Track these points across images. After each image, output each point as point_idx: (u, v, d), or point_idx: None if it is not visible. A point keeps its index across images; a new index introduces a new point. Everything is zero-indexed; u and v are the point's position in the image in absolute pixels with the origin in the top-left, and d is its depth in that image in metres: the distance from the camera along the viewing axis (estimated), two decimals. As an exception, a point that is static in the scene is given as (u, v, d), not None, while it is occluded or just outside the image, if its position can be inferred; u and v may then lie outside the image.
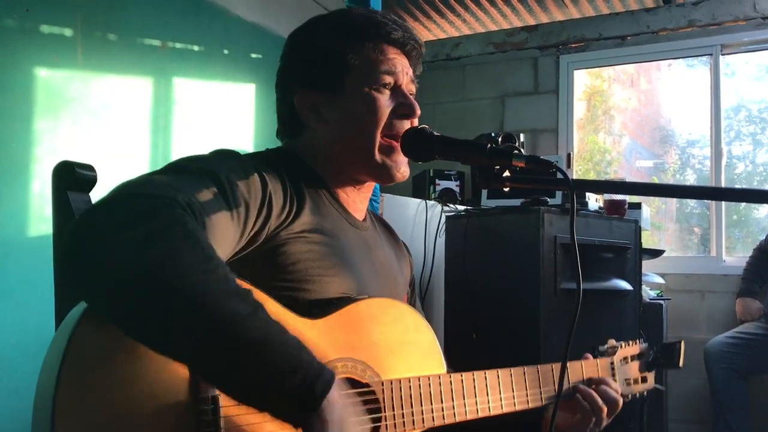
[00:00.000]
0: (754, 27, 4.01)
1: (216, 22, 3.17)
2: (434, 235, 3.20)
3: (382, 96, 1.16)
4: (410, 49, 1.20)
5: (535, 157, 1.03)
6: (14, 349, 2.16)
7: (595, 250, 2.77)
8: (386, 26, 1.17)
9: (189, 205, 0.83)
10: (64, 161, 1.02)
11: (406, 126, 1.17)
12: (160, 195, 0.82)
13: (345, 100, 1.16)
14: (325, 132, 1.18)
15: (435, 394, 1.09)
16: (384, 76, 1.16)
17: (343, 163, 1.18)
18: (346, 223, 1.17)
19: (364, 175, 1.20)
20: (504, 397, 1.20)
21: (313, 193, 1.12)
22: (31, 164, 2.36)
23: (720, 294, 3.93)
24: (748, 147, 4.42)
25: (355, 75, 1.15)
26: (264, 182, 1.00)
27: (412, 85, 1.22)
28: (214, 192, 0.90)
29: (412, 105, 1.17)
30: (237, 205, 0.93)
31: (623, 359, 1.44)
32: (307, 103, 1.18)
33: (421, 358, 1.13)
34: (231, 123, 3.31)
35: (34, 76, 2.42)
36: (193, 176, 0.91)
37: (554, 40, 4.49)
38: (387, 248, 1.30)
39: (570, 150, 4.40)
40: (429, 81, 4.71)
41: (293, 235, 1.03)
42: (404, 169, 1.19)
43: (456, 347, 2.85)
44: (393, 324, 1.10)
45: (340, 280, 1.08)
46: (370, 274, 1.17)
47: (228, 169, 0.96)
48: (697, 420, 3.84)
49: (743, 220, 4.44)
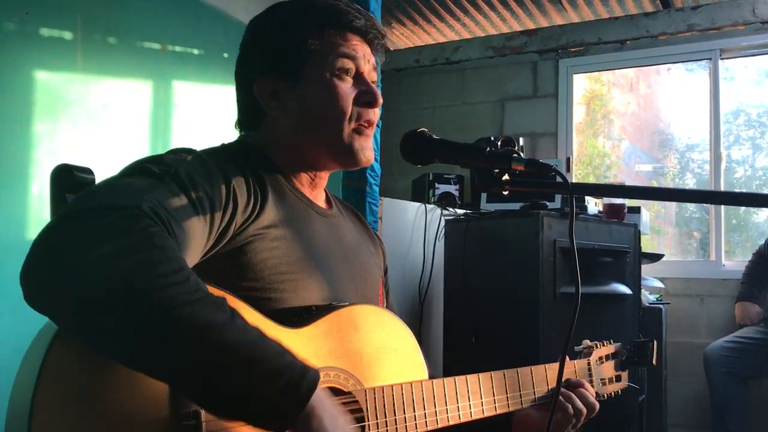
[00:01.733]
0: (753, 31, 4.02)
1: (215, 25, 3.17)
2: (434, 238, 3.20)
3: (343, 83, 1.14)
4: (372, 38, 1.18)
5: (534, 160, 1.02)
6: (13, 352, 2.15)
7: (595, 254, 2.77)
8: (349, 14, 1.15)
9: (155, 213, 0.82)
10: (63, 164, 1.02)
11: (371, 114, 1.16)
12: (125, 206, 0.80)
13: (305, 86, 1.14)
14: (285, 119, 1.15)
15: (417, 400, 1.09)
16: (344, 60, 1.13)
17: (305, 149, 1.16)
18: (311, 212, 1.15)
19: (326, 160, 1.17)
20: (485, 402, 1.19)
21: (275, 184, 1.10)
22: (30, 167, 2.36)
23: (719, 298, 3.93)
24: (748, 151, 4.42)
25: (315, 60, 1.13)
26: (227, 178, 0.98)
27: (374, 73, 1.20)
28: (178, 194, 0.89)
29: (374, 93, 1.15)
30: (202, 205, 0.91)
31: (599, 359, 1.45)
32: (267, 91, 1.15)
33: (403, 364, 1.12)
34: (230, 126, 3.31)
35: (33, 79, 2.42)
36: (156, 179, 0.89)
37: (554, 44, 4.50)
38: (356, 233, 1.28)
39: (569, 154, 4.41)
40: (428, 85, 4.72)
41: (259, 231, 1.01)
42: (369, 153, 1.17)
43: (455, 351, 2.86)
44: (374, 331, 1.09)
45: (308, 275, 1.06)
46: (340, 264, 1.15)
47: (189, 169, 0.94)
48: (697, 425, 3.83)
49: (742, 225, 4.45)
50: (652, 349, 1.48)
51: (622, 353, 1.51)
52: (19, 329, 2.12)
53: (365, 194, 2.50)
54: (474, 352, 2.74)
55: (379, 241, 1.38)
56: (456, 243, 2.90)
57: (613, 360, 1.49)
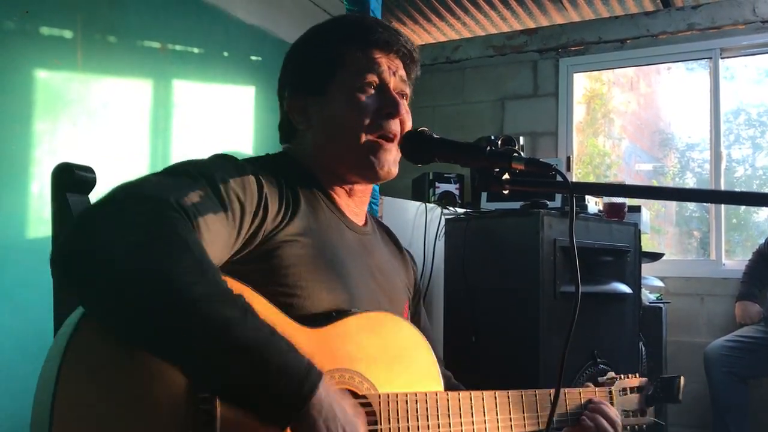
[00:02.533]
0: (754, 31, 4.01)
1: (216, 24, 3.17)
2: (434, 238, 3.20)
3: (365, 95, 1.15)
4: (398, 50, 1.20)
5: (534, 159, 1.02)
6: (13, 351, 2.16)
7: (595, 254, 2.77)
8: (374, 29, 1.18)
9: (181, 207, 0.85)
10: (64, 163, 1.02)
11: (394, 126, 1.16)
12: (152, 197, 0.84)
13: (330, 102, 1.17)
14: (312, 135, 1.19)
15: (432, 410, 1.09)
16: (368, 75, 1.16)
17: (331, 164, 1.18)
18: (343, 226, 1.17)
19: (350, 174, 1.19)
20: (501, 419, 1.19)
21: (309, 196, 1.12)
22: (30, 166, 2.36)
23: (719, 297, 3.93)
24: (748, 150, 4.42)
25: (341, 77, 1.17)
26: (260, 184, 1.01)
27: (404, 86, 1.22)
28: (209, 193, 0.92)
29: (395, 103, 1.16)
30: (232, 207, 0.95)
31: (622, 390, 1.45)
32: (297, 108, 1.20)
33: (418, 374, 1.12)
34: (230, 125, 3.31)
35: (33, 77, 2.42)
36: (189, 178, 0.93)
37: (554, 44, 4.50)
38: (387, 254, 1.30)
39: (569, 153, 4.40)
40: (428, 84, 4.72)
41: (288, 237, 1.04)
42: (389, 168, 1.17)
43: (455, 350, 2.85)
44: (391, 338, 1.10)
45: (331, 285, 1.07)
46: (365, 279, 1.16)
47: (224, 172, 0.97)
48: (697, 424, 3.83)
49: (743, 224, 4.45)
50: (679, 385, 1.47)
51: (648, 388, 1.49)
52: (19, 328, 2.13)
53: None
54: (474, 351, 2.74)
55: (412, 264, 1.40)
56: (456, 242, 2.90)
57: (638, 393, 1.48)
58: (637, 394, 1.48)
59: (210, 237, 0.89)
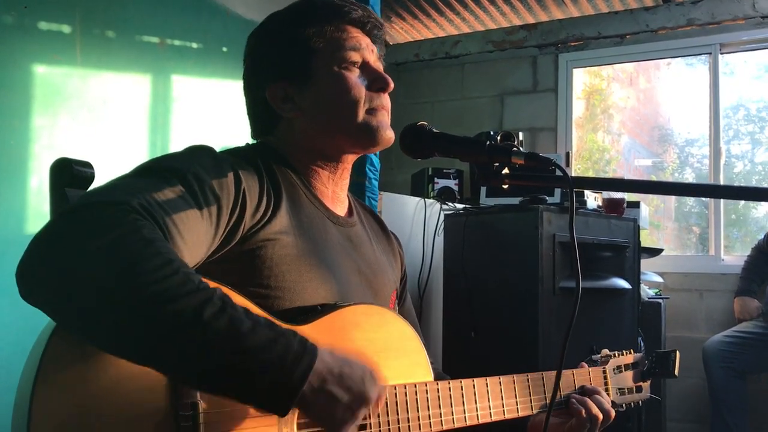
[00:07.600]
0: (753, 26, 4.01)
1: (215, 19, 3.16)
2: (433, 233, 3.20)
3: (352, 74, 1.15)
4: (371, 28, 1.20)
5: (534, 154, 1.02)
6: (12, 346, 2.15)
7: (594, 249, 2.77)
8: (345, 7, 1.17)
9: (145, 209, 0.82)
10: (62, 158, 1.01)
11: (385, 100, 1.17)
12: (114, 202, 0.81)
13: (316, 84, 1.15)
14: (301, 119, 1.16)
15: (422, 401, 1.08)
16: (351, 53, 1.15)
17: (324, 141, 1.16)
18: (326, 221, 1.15)
19: (347, 144, 1.17)
20: (493, 405, 1.18)
21: (291, 190, 1.10)
22: (29, 161, 2.35)
23: (718, 293, 3.93)
24: (747, 146, 4.42)
25: (321, 57, 1.15)
26: (238, 178, 0.98)
27: (380, 63, 1.21)
28: (179, 191, 0.89)
29: (385, 78, 1.16)
30: (207, 203, 0.92)
31: (616, 368, 1.44)
32: (279, 96, 1.17)
33: (407, 365, 1.11)
34: (230, 120, 3.31)
35: (32, 73, 2.41)
36: (158, 177, 0.90)
37: (553, 39, 4.49)
38: (375, 243, 1.28)
39: (569, 149, 4.40)
40: (428, 79, 4.71)
41: (270, 236, 1.01)
42: (389, 132, 1.17)
43: (455, 345, 2.86)
44: (378, 331, 1.09)
45: (317, 285, 1.06)
46: (351, 276, 1.15)
47: (198, 166, 0.94)
48: (696, 419, 3.84)
49: (742, 220, 4.45)
50: (675, 359, 1.46)
51: (642, 363, 1.49)
52: (19, 324, 2.13)
53: (364, 188, 2.49)
54: (473, 346, 2.75)
55: (398, 247, 1.38)
56: (455, 237, 2.90)
57: (632, 370, 1.47)
58: (632, 370, 1.47)
59: (183, 237, 0.86)
